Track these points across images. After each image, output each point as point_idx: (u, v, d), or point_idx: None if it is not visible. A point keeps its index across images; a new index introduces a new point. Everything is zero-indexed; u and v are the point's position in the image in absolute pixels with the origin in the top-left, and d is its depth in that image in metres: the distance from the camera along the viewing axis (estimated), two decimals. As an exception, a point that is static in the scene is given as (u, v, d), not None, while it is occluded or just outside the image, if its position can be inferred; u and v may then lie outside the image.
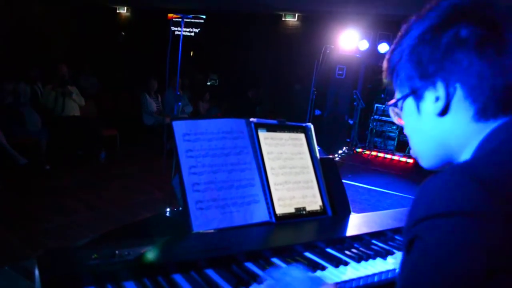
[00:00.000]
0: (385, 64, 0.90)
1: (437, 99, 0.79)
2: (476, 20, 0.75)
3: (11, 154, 5.55)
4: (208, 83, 12.98)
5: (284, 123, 1.80)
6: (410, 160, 8.79)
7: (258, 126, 1.71)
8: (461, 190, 0.64)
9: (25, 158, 5.70)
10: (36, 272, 1.07)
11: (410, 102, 0.85)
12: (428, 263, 0.64)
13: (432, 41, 0.78)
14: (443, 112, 0.79)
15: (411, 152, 0.92)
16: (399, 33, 0.86)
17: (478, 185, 0.63)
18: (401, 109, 0.88)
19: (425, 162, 0.89)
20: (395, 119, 0.92)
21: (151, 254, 1.20)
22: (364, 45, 9.54)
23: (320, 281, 1.03)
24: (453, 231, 0.62)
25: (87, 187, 5.55)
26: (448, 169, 0.69)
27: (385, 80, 0.90)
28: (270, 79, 11.99)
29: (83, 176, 6.05)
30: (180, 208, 1.85)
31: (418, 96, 0.82)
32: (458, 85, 0.76)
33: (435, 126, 0.81)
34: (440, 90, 0.78)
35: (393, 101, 0.89)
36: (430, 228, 0.64)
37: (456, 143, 0.80)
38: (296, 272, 1.06)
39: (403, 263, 0.71)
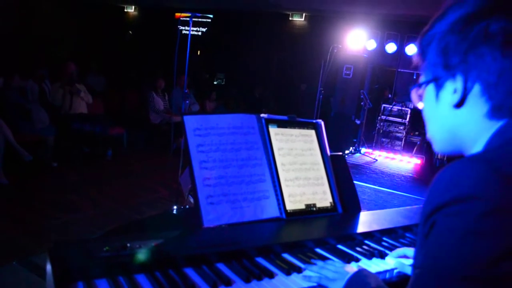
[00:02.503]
0: (417, 44, 0.89)
1: (455, 90, 0.79)
2: (510, 15, 0.74)
3: (18, 151, 5.56)
4: (215, 82, 12.99)
5: (294, 119, 1.79)
6: (417, 161, 8.76)
7: (269, 122, 1.70)
8: (476, 176, 0.66)
9: (32, 155, 5.72)
10: (48, 265, 1.07)
11: (431, 88, 0.85)
12: (443, 247, 0.67)
13: (462, 32, 0.77)
14: (459, 104, 0.79)
15: (427, 135, 0.92)
16: (435, 15, 0.84)
17: (493, 172, 0.66)
18: (423, 92, 0.88)
19: (437, 147, 0.91)
20: (416, 102, 0.91)
21: (162, 248, 1.19)
22: (372, 45, 9.50)
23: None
24: (467, 215, 0.64)
25: (93, 184, 5.56)
26: (464, 158, 0.72)
27: (414, 59, 0.90)
28: (277, 79, 11.98)
29: (89, 173, 6.06)
30: (187, 206, 1.85)
31: (439, 84, 0.82)
32: (476, 81, 0.76)
33: (449, 116, 0.82)
34: (459, 83, 0.78)
35: (418, 84, 0.89)
36: (447, 214, 0.67)
37: (468, 136, 0.81)
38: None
39: (420, 250, 0.73)
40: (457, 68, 0.78)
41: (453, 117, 0.81)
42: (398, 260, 1.38)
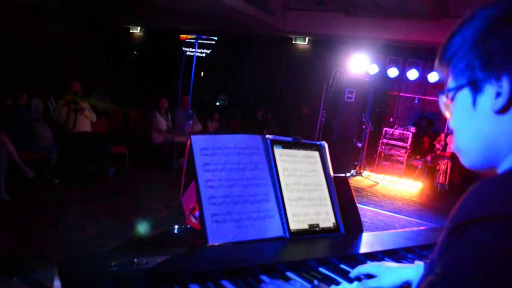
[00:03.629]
0: (440, 51, 0.83)
1: (498, 94, 0.72)
2: None
3: (21, 168, 5.60)
4: (217, 104, 13.09)
5: (299, 141, 1.82)
6: (419, 185, 8.76)
7: (274, 142, 1.73)
8: None
9: (35, 172, 5.75)
10: (56, 280, 1.09)
11: (465, 94, 0.78)
12: (470, 259, 0.62)
13: (503, 32, 0.72)
14: (503, 110, 0.72)
15: (453, 147, 0.85)
16: (460, 21, 0.79)
17: None
18: (453, 99, 0.81)
19: (467, 160, 0.82)
20: (443, 110, 0.85)
21: (168, 264, 1.21)
22: (374, 69, 9.63)
23: None
24: (499, 235, 0.60)
25: (95, 202, 5.57)
26: (502, 173, 0.70)
27: (437, 67, 0.85)
28: (279, 102, 12.08)
29: (91, 191, 6.08)
30: (188, 226, 1.87)
31: (476, 88, 0.76)
32: None
33: (490, 124, 0.75)
34: (504, 86, 0.71)
35: (448, 89, 0.82)
36: (479, 228, 0.62)
37: (505, 146, 0.74)
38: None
39: (440, 258, 0.69)
40: (503, 69, 0.71)
41: (494, 124, 0.74)
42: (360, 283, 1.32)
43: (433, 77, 9.28)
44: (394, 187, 8.56)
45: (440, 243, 0.71)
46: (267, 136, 1.73)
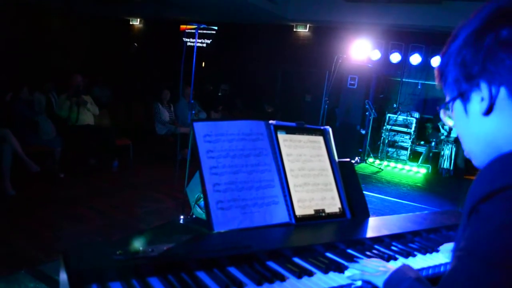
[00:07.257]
0: (436, 69, 0.92)
1: (482, 99, 0.81)
2: None
3: (26, 162, 5.60)
4: (220, 94, 13.06)
5: (302, 126, 1.80)
6: (423, 170, 8.74)
7: (278, 128, 1.71)
8: None
9: (40, 166, 5.75)
10: (62, 270, 1.08)
11: (458, 104, 0.87)
12: (486, 231, 0.69)
13: (475, 44, 0.80)
14: (488, 111, 0.80)
15: (465, 153, 0.92)
16: (449, 38, 0.88)
17: None
18: (452, 111, 0.90)
19: (477, 162, 0.89)
20: (447, 121, 0.93)
21: (174, 251, 1.20)
22: (376, 55, 9.54)
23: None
24: (509, 203, 0.67)
25: (99, 195, 5.58)
26: (503, 154, 0.76)
27: (437, 84, 0.92)
28: (282, 90, 12.03)
29: (96, 184, 6.09)
30: (194, 216, 1.86)
31: (465, 98, 0.84)
32: (501, 85, 0.78)
33: (482, 126, 0.83)
34: (484, 91, 0.80)
35: (445, 104, 0.91)
36: (490, 202, 0.69)
37: (505, 142, 0.80)
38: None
39: (462, 236, 0.75)
40: (479, 76, 0.80)
41: (485, 125, 0.82)
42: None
43: (436, 61, 9.19)
44: (399, 173, 8.54)
45: (461, 225, 0.79)
46: (271, 121, 1.72)
